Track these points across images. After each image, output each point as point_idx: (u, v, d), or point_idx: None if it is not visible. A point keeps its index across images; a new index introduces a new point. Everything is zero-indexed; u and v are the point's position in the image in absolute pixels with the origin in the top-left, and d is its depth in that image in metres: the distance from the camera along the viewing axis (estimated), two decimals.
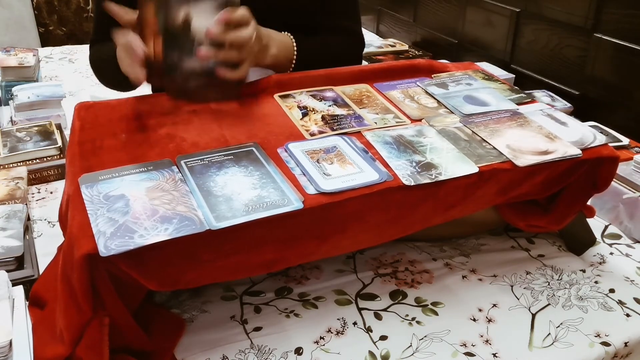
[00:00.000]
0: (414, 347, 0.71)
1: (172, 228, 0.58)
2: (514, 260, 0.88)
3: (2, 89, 1.37)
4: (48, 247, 0.81)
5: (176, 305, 0.76)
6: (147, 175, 0.66)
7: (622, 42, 1.32)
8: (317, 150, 0.74)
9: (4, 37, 2.60)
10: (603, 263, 0.89)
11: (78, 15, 2.82)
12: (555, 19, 1.49)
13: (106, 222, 0.59)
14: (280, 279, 0.82)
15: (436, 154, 0.74)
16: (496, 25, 1.71)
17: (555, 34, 1.51)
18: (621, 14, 1.32)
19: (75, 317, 0.59)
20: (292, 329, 0.73)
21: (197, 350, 0.69)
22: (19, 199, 0.92)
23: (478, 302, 0.79)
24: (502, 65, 1.69)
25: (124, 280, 0.59)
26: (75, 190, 0.64)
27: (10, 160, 1.03)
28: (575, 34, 1.44)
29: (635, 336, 0.75)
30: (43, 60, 1.77)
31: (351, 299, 0.79)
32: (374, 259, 0.87)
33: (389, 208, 0.69)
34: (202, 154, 0.71)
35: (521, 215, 0.86)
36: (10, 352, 0.60)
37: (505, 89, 0.95)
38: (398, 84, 0.94)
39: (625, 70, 1.34)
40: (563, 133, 0.81)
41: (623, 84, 1.35)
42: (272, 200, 0.63)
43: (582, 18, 1.41)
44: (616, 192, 0.97)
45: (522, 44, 1.63)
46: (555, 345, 0.72)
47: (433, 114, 0.85)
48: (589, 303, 0.80)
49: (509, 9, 1.64)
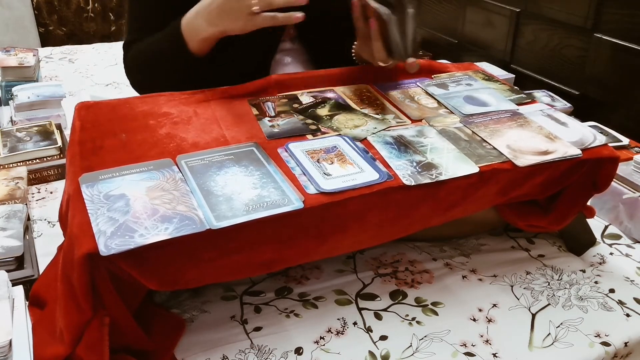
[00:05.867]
0: (414, 347, 0.71)
1: (172, 227, 0.58)
2: (514, 260, 0.88)
3: (2, 89, 1.37)
4: (48, 247, 0.81)
5: (176, 305, 0.76)
6: (148, 175, 0.66)
7: (622, 42, 1.33)
8: (317, 150, 0.74)
9: (4, 37, 2.60)
10: (603, 263, 0.89)
11: (78, 15, 2.82)
12: (555, 19, 1.50)
13: (106, 222, 0.59)
14: (280, 279, 0.82)
15: (437, 154, 0.74)
16: (496, 25, 1.71)
17: (555, 34, 1.51)
18: (621, 14, 1.32)
19: (75, 317, 0.59)
20: (292, 329, 0.73)
21: (197, 350, 0.69)
22: (19, 199, 0.92)
23: (478, 302, 0.79)
24: (502, 65, 1.69)
25: (124, 280, 0.59)
26: (76, 189, 0.64)
27: (10, 160, 1.03)
28: (575, 34, 1.44)
29: (635, 336, 0.75)
30: (43, 60, 1.77)
31: (351, 299, 0.79)
32: (374, 259, 0.87)
33: (389, 208, 0.69)
34: (203, 153, 0.71)
35: (521, 215, 0.86)
36: (10, 352, 0.60)
37: (505, 89, 0.95)
38: (398, 84, 0.94)
39: (625, 70, 1.34)
40: (563, 133, 0.82)
41: (623, 83, 1.35)
42: (272, 200, 0.63)
43: (582, 18, 1.41)
44: (616, 192, 0.97)
45: (522, 44, 1.64)
46: (555, 345, 0.72)
47: (433, 114, 0.85)
48: (589, 303, 0.80)
49: (509, 9, 1.64)
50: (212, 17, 0.83)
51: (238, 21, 0.81)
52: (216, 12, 0.82)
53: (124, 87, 1.58)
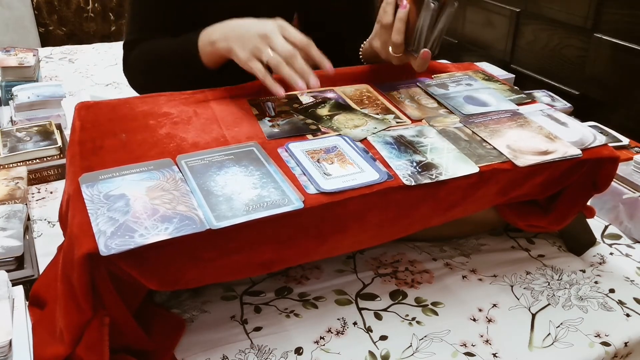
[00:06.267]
0: (414, 347, 0.71)
1: (172, 227, 0.58)
2: (514, 260, 0.88)
3: (2, 89, 1.37)
4: (48, 247, 0.81)
5: (176, 305, 0.76)
6: (148, 175, 0.66)
7: (622, 42, 1.33)
8: (317, 150, 0.74)
9: (4, 37, 2.60)
10: (603, 263, 0.89)
11: (78, 15, 2.82)
12: (555, 19, 1.50)
13: (106, 222, 0.59)
14: (280, 279, 0.82)
15: (437, 154, 0.74)
16: (496, 25, 1.71)
17: (555, 34, 1.51)
18: (621, 14, 1.32)
19: (75, 317, 0.59)
20: (292, 329, 0.73)
21: (197, 350, 0.69)
22: (19, 199, 0.92)
23: (478, 302, 0.79)
24: (502, 65, 1.69)
25: (124, 280, 0.59)
26: (76, 189, 0.64)
27: (10, 160, 1.03)
28: (575, 34, 1.44)
29: (635, 336, 0.75)
30: (43, 60, 1.77)
31: (351, 299, 0.79)
32: (374, 259, 0.87)
33: (389, 208, 0.69)
34: (203, 153, 0.71)
35: (521, 215, 0.86)
36: (10, 352, 0.60)
37: (505, 89, 0.95)
38: (398, 84, 0.94)
39: (625, 70, 1.34)
40: (563, 133, 0.82)
41: (623, 83, 1.35)
42: (272, 199, 0.63)
43: (582, 18, 1.41)
44: (616, 192, 0.97)
45: (522, 44, 1.64)
46: (555, 345, 0.72)
47: (433, 114, 0.85)
48: (589, 303, 0.80)
49: (509, 9, 1.64)
50: (228, 31, 0.82)
51: (244, 50, 0.79)
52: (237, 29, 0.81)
53: (124, 87, 1.58)
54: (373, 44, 0.89)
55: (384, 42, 0.86)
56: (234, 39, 0.81)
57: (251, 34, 0.79)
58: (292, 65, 0.77)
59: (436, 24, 0.80)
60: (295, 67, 0.77)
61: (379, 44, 0.87)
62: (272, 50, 0.77)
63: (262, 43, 0.78)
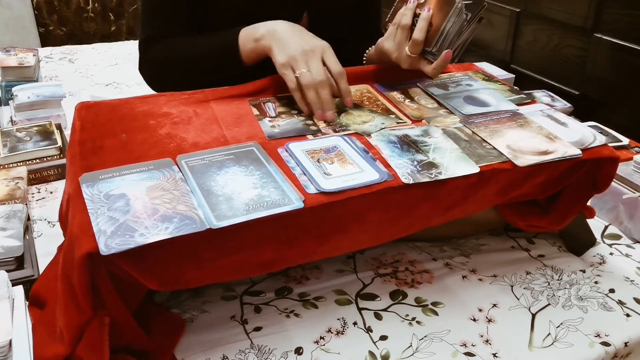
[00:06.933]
0: (414, 347, 0.71)
1: (172, 227, 0.58)
2: (514, 260, 0.88)
3: (2, 89, 1.37)
4: (48, 247, 0.81)
5: (176, 305, 0.76)
6: (148, 175, 0.66)
7: (622, 42, 1.33)
8: (317, 150, 0.74)
9: (4, 37, 2.60)
10: (603, 263, 0.89)
11: (78, 15, 2.82)
12: (555, 19, 1.50)
13: (107, 221, 0.59)
14: (280, 279, 0.82)
15: (439, 154, 0.74)
16: (496, 25, 1.71)
17: (555, 34, 1.51)
18: (621, 14, 1.32)
19: (76, 317, 0.59)
20: (292, 329, 0.73)
21: (197, 350, 0.69)
22: (19, 199, 0.92)
23: (478, 302, 0.79)
24: (502, 66, 1.69)
25: (125, 280, 0.59)
26: (76, 189, 0.64)
27: (10, 160, 1.03)
28: (575, 34, 1.44)
29: (635, 336, 0.75)
30: (43, 60, 1.77)
31: (351, 299, 0.79)
32: (374, 259, 0.87)
33: (389, 208, 0.69)
34: (203, 153, 0.71)
35: (521, 215, 0.86)
36: (10, 352, 0.60)
37: (505, 89, 0.95)
38: (398, 85, 0.94)
39: (625, 70, 1.34)
40: (563, 133, 0.82)
41: (623, 83, 1.35)
42: (272, 199, 0.63)
43: (582, 18, 1.41)
44: (616, 192, 0.97)
45: (522, 44, 1.64)
46: (555, 345, 0.72)
47: (433, 115, 0.85)
48: (589, 303, 0.80)
49: (509, 9, 1.64)
50: (277, 31, 0.83)
51: (284, 55, 0.81)
52: (285, 32, 0.83)
53: (124, 87, 1.58)
54: (385, 45, 0.90)
55: (398, 43, 0.87)
56: (279, 40, 0.83)
57: (296, 43, 0.81)
58: (318, 92, 0.80)
59: (463, 30, 0.83)
60: (321, 95, 0.80)
61: (392, 45, 0.89)
62: (307, 69, 0.80)
63: (302, 58, 0.80)
